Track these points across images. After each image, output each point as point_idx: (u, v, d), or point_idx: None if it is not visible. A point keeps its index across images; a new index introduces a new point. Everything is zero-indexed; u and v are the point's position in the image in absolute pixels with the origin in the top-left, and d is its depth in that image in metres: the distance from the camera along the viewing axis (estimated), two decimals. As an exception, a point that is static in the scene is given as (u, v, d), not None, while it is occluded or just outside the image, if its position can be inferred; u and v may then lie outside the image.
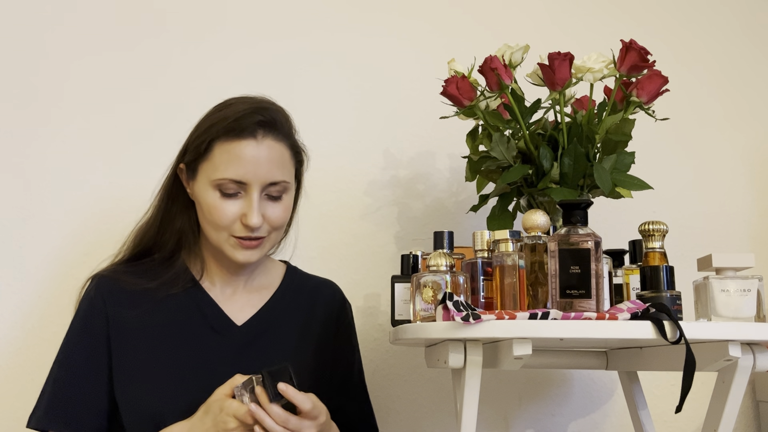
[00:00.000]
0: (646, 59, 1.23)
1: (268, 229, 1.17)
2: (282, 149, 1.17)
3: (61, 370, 1.16)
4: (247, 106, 1.16)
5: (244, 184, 1.13)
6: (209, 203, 1.14)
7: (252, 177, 1.13)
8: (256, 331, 1.22)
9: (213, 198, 1.14)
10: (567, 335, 1.00)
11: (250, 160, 1.13)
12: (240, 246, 1.16)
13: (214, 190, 1.14)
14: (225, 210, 1.14)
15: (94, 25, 1.65)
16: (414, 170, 1.68)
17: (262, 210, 1.14)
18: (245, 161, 1.12)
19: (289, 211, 1.21)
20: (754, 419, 1.64)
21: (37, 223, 1.56)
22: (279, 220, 1.17)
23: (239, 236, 1.15)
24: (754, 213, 1.74)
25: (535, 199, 1.30)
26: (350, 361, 1.34)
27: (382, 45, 1.71)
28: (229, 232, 1.15)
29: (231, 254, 1.17)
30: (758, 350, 1.02)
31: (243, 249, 1.16)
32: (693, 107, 1.76)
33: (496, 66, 1.26)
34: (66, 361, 1.17)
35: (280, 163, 1.16)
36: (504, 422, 1.61)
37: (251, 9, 1.70)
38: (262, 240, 1.17)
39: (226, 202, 1.14)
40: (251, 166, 1.13)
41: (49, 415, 1.13)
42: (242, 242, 1.15)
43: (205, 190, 1.15)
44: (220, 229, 1.15)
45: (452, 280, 1.13)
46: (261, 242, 1.17)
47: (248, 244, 1.16)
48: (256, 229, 1.14)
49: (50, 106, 1.61)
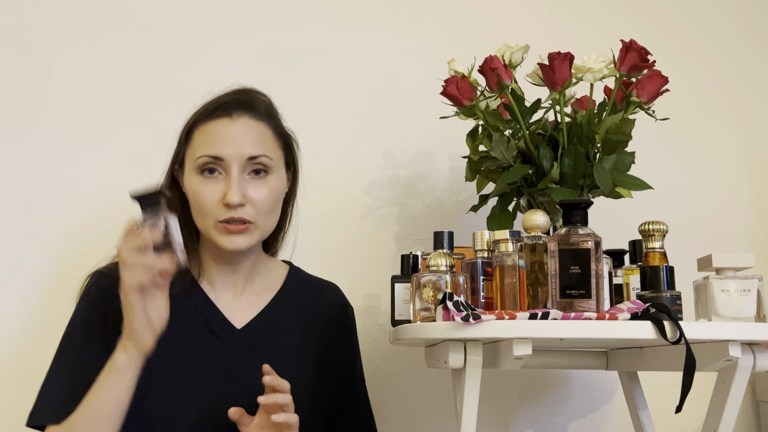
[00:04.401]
0: (646, 59, 1.23)
1: (252, 213, 1.14)
2: (261, 127, 1.17)
3: (60, 366, 1.16)
4: (225, 91, 1.19)
5: (222, 161, 1.13)
6: (193, 189, 1.15)
7: (228, 152, 1.13)
8: (256, 333, 1.21)
9: (196, 183, 1.15)
10: (567, 335, 1.00)
11: (225, 135, 1.14)
12: (226, 231, 1.14)
13: (196, 174, 1.15)
14: (207, 192, 1.14)
15: (94, 26, 1.65)
16: (414, 170, 1.68)
17: (243, 189, 1.13)
18: (220, 137, 1.14)
19: (276, 196, 1.18)
20: (754, 419, 1.64)
21: (37, 222, 1.56)
22: (263, 202, 1.15)
23: (223, 220, 1.13)
24: (754, 213, 1.74)
25: (535, 199, 1.30)
26: (351, 365, 1.33)
27: (382, 45, 1.71)
28: (214, 218, 1.14)
29: (218, 241, 1.15)
30: (758, 350, 1.02)
31: (228, 234, 1.14)
32: (693, 107, 1.76)
33: (496, 66, 1.26)
34: (65, 357, 1.16)
35: (258, 141, 1.16)
36: (504, 422, 1.61)
37: (251, 7, 1.70)
38: (248, 225, 1.14)
39: (208, 184, 1.14)
40: (226, 142, 1.14)
41: (49, 411, 1.12)
42: (227, 226, 1.13)
43: (190, 177, 1.16)
44: (206, 215, 1.14)
45: (452, 280, 1.13)
46: (247, 227, 1.14)
47: (233, 228, 1.13)
48: (237, 207, 1.13)
49: (50, 107, 1.61)
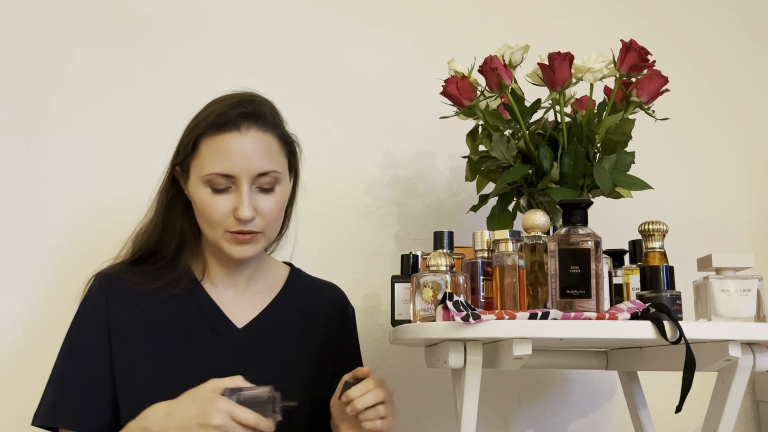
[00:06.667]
0: (646, 59, 1.23)
1: (261, 224, 1.16)
2: (269, 139, 1.16)
3: (64, 366, 1.16)
4: (231, 101, 1.16)
5: (232, 178, 1.13)
6: (201, 200, 1.15)
7: (239, 169, 1.13)
8: (257, 333, 1.22)
9: (204, 194, 1.14)
10: (567, 335, 1.00)
11: (236, 152, 1.13)
12: (235, 241, 1.15)
13: (204, 186, 1.14)
14: (217, 205, 1.14)
15: (93, 26, 1.65)
16: (414, 170, 1.68)
17: (253, 202, 1.14)
18: (231, 154, 1.13)
19: (283, 204, 1.20)
20: (754, 419, 1.64)
21: (37, 222, 1.56)
22: (272, 213, 1.16)
23: (233, 231, 1.14)
24: (754, 213, 1.74)
25: (535, 199, 1.30)
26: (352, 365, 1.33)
27: (382, 44, 1.71)
28: (223, 228, 1.15)
29: (227, 250, 1.16)
30: (758, 350, 1.02)
31: (238, 244, 1.15)
32: (693, 107, 1.76)
33: (496, 66, 1.26)
34: (69, 357, 1.17)
35: (267, 154, 1.15)
36: (504, 422, 1.61)
37: (251, 7, 1.70)
38: (256, 234, 1.16)
39: (218, 197, 1.14)
40: (237, 159, 1.12)
41: (54, 411, 1.13)
42: (237, 237, 1.15)
43: (197, 188, 1.15)
44: (215, 226, 1.15)
45: (452, 280, 1.13)
46: (255, 236, 1.16)
47: (242, 239, 1.15)
48: (249, 221, 1.14)
49: (50, 106, 1.61)
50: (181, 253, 1.24)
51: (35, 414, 1.15)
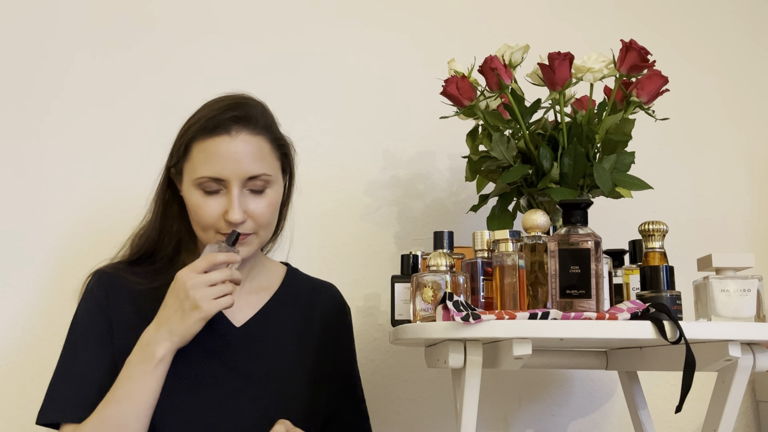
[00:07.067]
0: (646, 59, 1.23)
1: (253, 226, 1.16)
2: (259, 142, 1.16)
3: (67, 364, 1.16)
4: (222, 104, 1.17)
5: (223, 181, 1.14)
6: (193, 203, 1.16)
7: (229, 173, 1.13)
8: (254, 332, 1.22)
9: (196, 197, 1.15)
10: (567, 335, 1.00)
11: (225, 155, 1.13)
12: None
13: (196, 189, 1.15)
14: (208, 208, 1.14)
15: (92, 26, 1.65)
16: (414, 170, 1.68)
17: (244, 206, 1.14)
18: (220, 157, 1.13)
19: (275, 206, 1.20)
20: (754, 419, 1.64)
21: (37, 222, 1.56)
22: (264, 216, 1.17)
23: (225, 233, 1.15)
24: (754, 213, 1.74)
25: (535, 199, 1.30)
26: (348, 364, 1.34)
27: (382, 44, 1.71)
28: (215, 230, 1.16)
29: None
30: (758, 350, 1.02)
31: None
32: (693, 107, 1.76)
33: (496, 66, 1.26)
34: (71, 354, 1.17)
35: (258, 157, 1.16)
36: (504, 422, 1.61)
37: (251, 7, 1.70)
38: (247, 236, 1.16)
39: (209, 200, 1.14)
40: (227, 162, 1.13)
41: (59, 408, 1.13)
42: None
43: (189, 191, 1.16)
44: (207, 228, 1.16)
45: (452, 280, 1.13)
46: (247, 238, 1.16)
47: None
48: (239, 224, 1.14)
49: (50, 107, 1.61)
50: (179, 254, 1.24)
51: (39, 412, 1.14)
